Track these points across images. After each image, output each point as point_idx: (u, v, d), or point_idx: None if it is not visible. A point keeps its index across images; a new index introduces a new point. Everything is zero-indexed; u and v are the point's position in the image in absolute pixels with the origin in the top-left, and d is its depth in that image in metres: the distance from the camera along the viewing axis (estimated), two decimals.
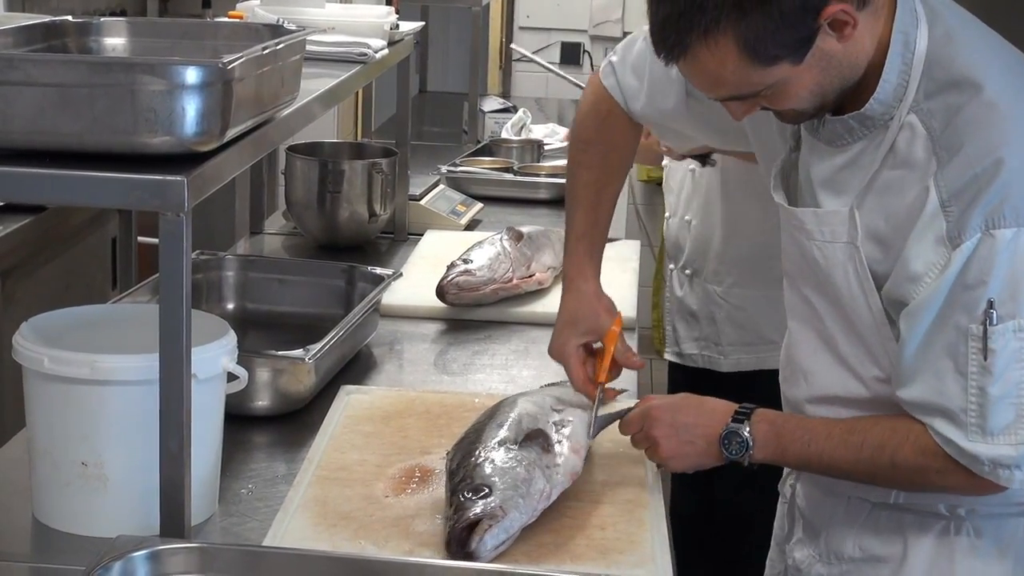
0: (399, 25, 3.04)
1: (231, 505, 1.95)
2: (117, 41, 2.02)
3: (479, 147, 4.32)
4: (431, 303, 2.80)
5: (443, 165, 3.89)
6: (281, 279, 2.71)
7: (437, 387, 2.46)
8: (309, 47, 2.18)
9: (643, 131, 2.32)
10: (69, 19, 1.99)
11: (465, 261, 2.83)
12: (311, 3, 2.95)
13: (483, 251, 2.88)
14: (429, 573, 1.63)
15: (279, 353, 2.23)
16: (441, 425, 2.20)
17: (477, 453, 1.90)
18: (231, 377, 1.89)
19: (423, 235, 3.36)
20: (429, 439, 2.14)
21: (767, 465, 1.94)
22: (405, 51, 3.15)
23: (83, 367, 1.75)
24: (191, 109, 1.57)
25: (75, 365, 1.75)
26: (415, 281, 2.88)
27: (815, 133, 1.85)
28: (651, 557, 1.82)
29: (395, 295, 2.77)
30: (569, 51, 6.57)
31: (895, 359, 1.80)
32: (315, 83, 2.24)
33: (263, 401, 2.23)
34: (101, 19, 2.05)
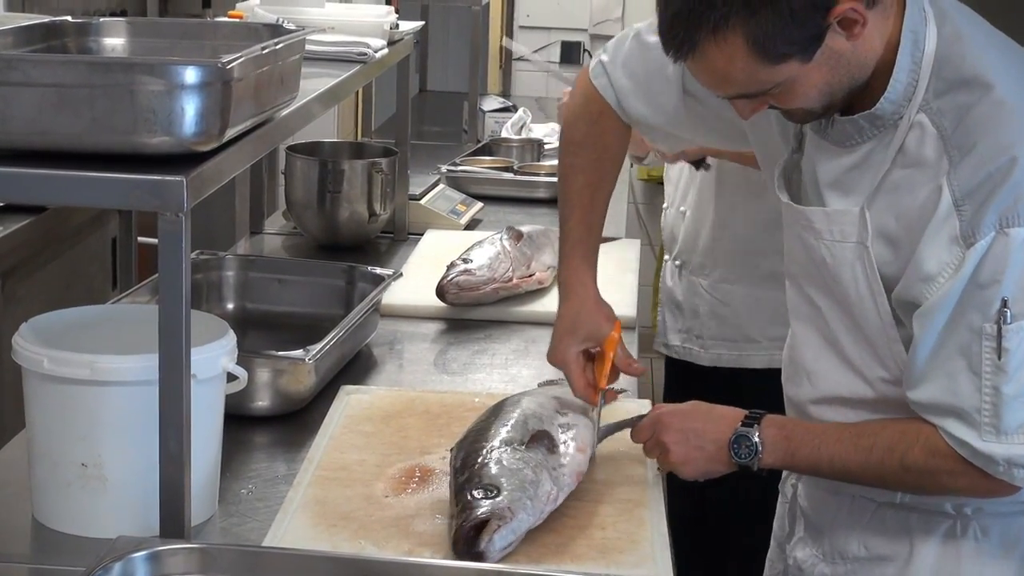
0: (399, 24, 3.04)
1: (231, 505, 1.95)
2: (116, 41, 2.02)
3: (479, 146, 4.32)
4: (431, 303, 2.80)
5: (443, 165, 3.89)
6: (281, 279, 2.71)
7: (437, 387, 2.46)
8: (309, 47, 2.18)
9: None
10: (68, 19, 1.99)
11: (465, 261, 2.83)
12: (311, 3, 2.95)
13: (483, 251, 2.88)
14: (429, 573, 1.63)
15: (279, 353, 2.23)
16: (441, 425, 2.20)
17: (483, 452, 1.89)
18: (231, 377, 1.88)
19: (423, 235, 3.36)
20: (429, 439, 2.14)
21: (754, 475, 1.94)
22: (405, 51, 3.15)
23: (83, 368, 1.75)
24: (190, 109, 1.57)
25: (75, 366, 1.75)
26: (415, 281, 2.88)
27: (823, 134, 1.84)
28: (651, 556, 1.82)
29: (395, 295, 2.77)
30: (569, 50, 6.57)
31: (906, 361, 1.79)
32: (315, 83, 2.24)
33: (263, 401, 2.23)
34: (100, 19, 2.05)
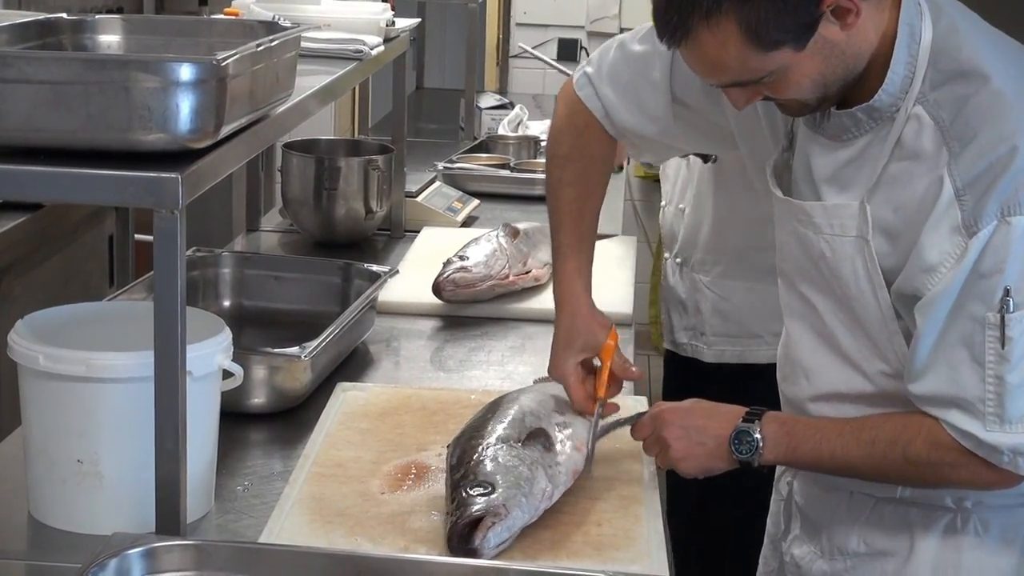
0: (395, 22, 3.04)
1: (227, 502, 1.95)
2: (112, 38, 2.02)
3: (476, 144, 4.32)
4: (427, 300, 2.80)
5: (439, 162, 3.89)
6: (277, 276, 2.71)
7: (433, 384, 2.46)
8: (304, 44, 2.18)
9: None
10: (64, 16, 1.99)
11: (461, 258, 2.83)
12: (306, 0, 2.95)
13: (479, 248, 2.88)
14: (425, 569, 1.63)
15: (275, 350, 2.23)
16: (437, 422, 2.20)
17: (479, 449, 1.89)
18: (227, 374, 1.89)
19: (419, 232, 3.36)
20: (425, 436, 2.15)
21: (753, 472, 1.94)
22: (401, 48, 3.15)
23: (78, 365, 1.75)
24: (185, 106, 1.57)
25: (70, 363, 1.75)
26: (411, 278, 2.88)
27: (817, 128, 1.84)
28: (647, 553, 1.82)
29: (391, 292, 2.77)
30: (566, 47, 6.57)
31: (907, 354, 1.80)
32: (310, 80, 2.24)
33: (259, 398, 2.23)
34: (96, 16, 2.04)
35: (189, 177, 1.57)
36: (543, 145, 4.27)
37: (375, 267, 2.72)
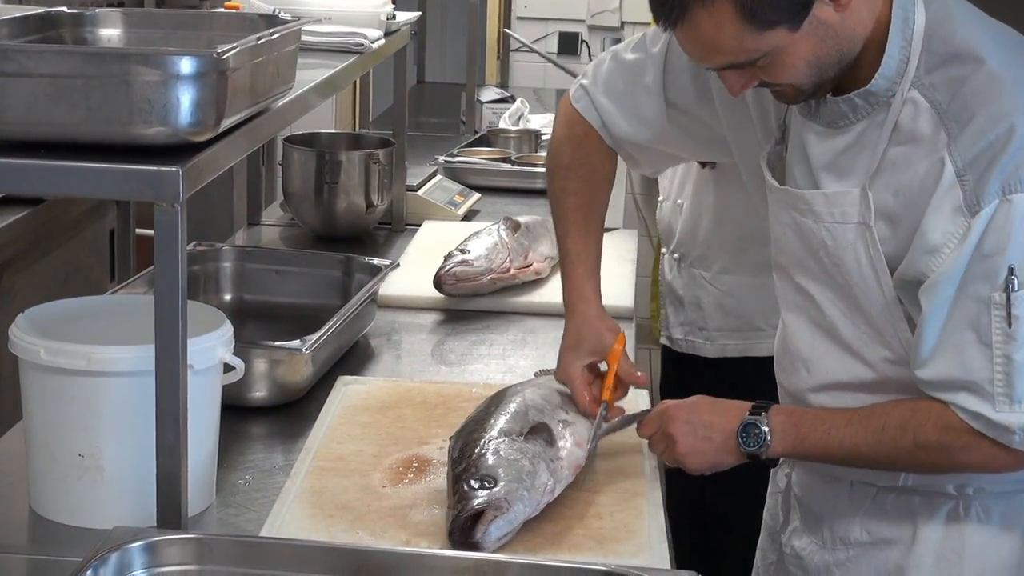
0: (395, 15, 3.04)
1: (228, 496, 1.95)
2: (112, 32, 2.02)
3: (476, 137, 4.32)
4: (428, 293, 2.80)
5: (440, 155, 3.88)
6: (278, 270, 2.71)
7: (434, 377, 2.46)
8: (305, 37, 2.18)
9: None
10: (64, 10, 1.99)
11: (462, 251, 2.82)
12: None
13: (480, 241, 2.87)
14: (426, 563, 1.63)
15: (276, 344, 2.23)
16: (438, 415, 2.20)
17: (481, 443, 1.89)
18: (228, 368, 1.89)
19: (420, 226, 3.36)
20: (426, 429, 2.14)
21: (756, 464, 1.94)
22: (402, 41, 3.15)
23: (79, 358, 1.75)
24: (186, 99, 1.57)
25: (71, 356, 1.75)
26: (412, 272, 2.88)
27: (812, 116, 1.85)
28: (648, 546, 1.82)
29: (392, 286, 2.77)
30: (567, 41, 6.56)
31: (911, 340, 1.80)
32: (311, 73, 2.24)
33: (260, 392, 2.23)
34: (96, 10, 2.04)
35: (190, 171, 1.57)
36: (544, 139, 4.27)
37: (376, 261, 2.72)
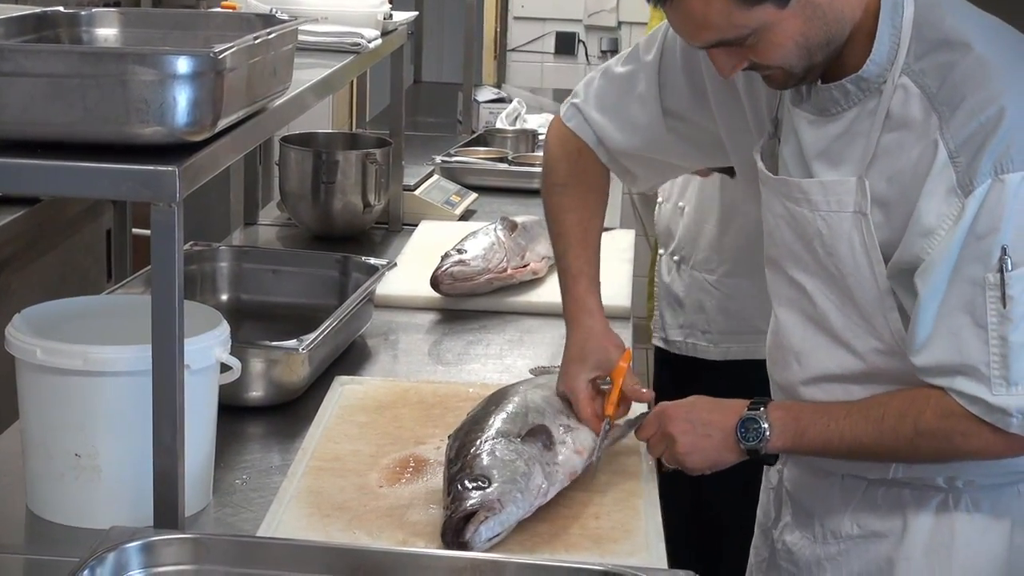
0: (392, 15, 3.04)
1: (225, 496, 1.95)
2: (109, 32, 2.02)
3: (473, 137, 4.32)
4: (425, 293, 2.80)
5: (437, 155, 3.89)
6: (275, 270, 2.70)
7: (431, 377, 2.46)
8: (302, 37, 2.18)
9: None
10: (61, 10, 1.99)
11: (459, 251, 2.82)
12: None
13: (477, 241, 2.87)
14: (423, 563, 1.63)
15: (273, 344, 2.23)
16: (435, 415, 2.20)
17: (478, 443, 1.89)
18: (224, 368, 1.88)
19: (417, 225, 3.36)
20: (423, 429, 2.14)
21: (755, 461, 1.94)
22: (399, 41, 3.15)
23: (76, 358, 1.75)
24: (182, 99, 1.56)
25: (68, 356, 1.75)
26: (409, 271, 2.88)
27: (803, 104, 1.86)
28: (645, 546, 1.82)
29: (389, 285, 2.77)
30: (564, 41, 6.56)
31: (902, 330, 1.81)
32: (308, 73, 2.24)
33: (257, 392, 2.23)
34: (93, 10, 2.04)
35: (187, 170, 1.57)
36: (541, 138, 4.27)
37: (373, 260, 2.72)
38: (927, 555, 1.90)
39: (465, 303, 2.81)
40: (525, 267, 2.90)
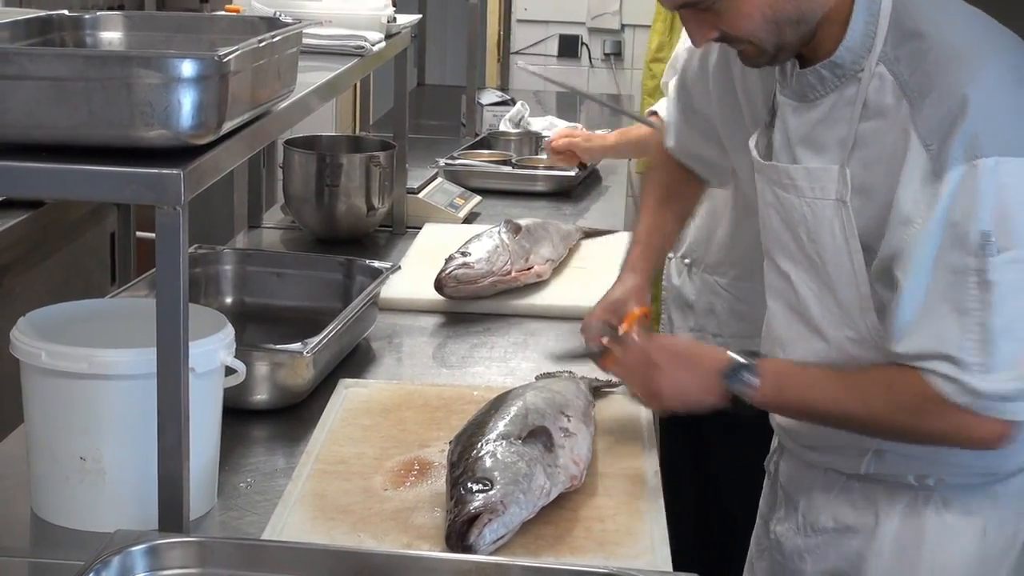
0: (396, 18, 3.04)
1: (230, 499, 1.95)
2: (113, 35, 2.02)
3: (477, 140, 4.32)
4: (429, 296, 2.80)
5: (441, 158, 3.89)
6: (279, 273, 2.70)
7: (436, 380, 2.46)
8: (306, 40, 2.18)
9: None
10: (65, 13, 1.99)
11: (463, 254, 2.82)
12: None
13: (481, 244, 2.87)
14: (427, 566, 1.62)
15: (277, 347, 2.23)
16: (440, 418, 2.20)
17: (479, 446, 1.89)
18: (229, 371, 1.89)
19: (421, 228, 3.36)
20: (428, 432, 2.14)
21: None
22: (402, 44, 3.15)
23: (81, 361, 1.75)
24: (187, 102, 1.56)
25: (73, 359, 1.75)
26: (413, 274, 2.88)
27: (784, 89, 1.89)
28: (650, 549, 1.82)
29: (393, 288, 2.77)
30: (567, 44, 6.56)
31: (876, 321, 1.82)
32: (312, 76, 2.24)
33: (261, 395, 2.23)
34: (97, 13, 2.04)
35: (191, 173, 1.57)
36: (544, 141, 4.27)
37: (377, 263, 2.71)
38: (896, 552, 1.91)
39: (469, 306, 2.81)
40: (529, 270, 2.89)
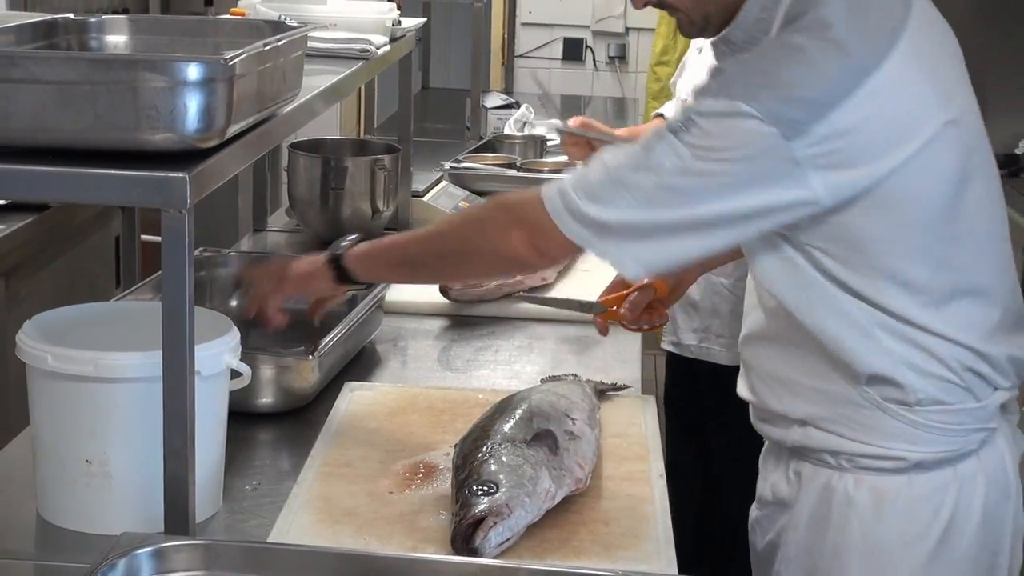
0: (401, 21, 3.04)
1: (235, 502, 1.95)
2: (118, 38, 2.02)
3: (482, 143, 4.32)
4: (434, 299, 2.80)
5: (446, 161, 3.88)
6: None
7: (441, 383, 2.46)
8: (311, 43, 2.19)
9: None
10: (70, 17, 1.99)
11: None
12: None
13: None
14: (433, 569, 1.62)
15: (283, 350, 2.23)
16: (445, 421, 2.20)
17: (484, 449, 1.89)
18: (235, 374, 1.89)
19: None
20: (433, 435, 2.14)
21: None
22: (407, 47, 3.15)
23: (87, 365, 1.75)
24: (193, 106, 1.56)
25: (79, 363, 1.75)
26: None
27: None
28: (655, 552, 1.82)
29: (398, 292, 2.77)
30: (571, 47, 6.57)
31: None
32: (317, 79, 2.24)
33: (267, 398, 2.23)
34: (102, 17, 2.04)
35: (197, 177, 1.57)
36: (549, 144, 4.28)
37: None
38: (808, 527, 1.92)
39: (474, 309, 2.81)
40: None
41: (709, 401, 3.16)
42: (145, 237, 3.75)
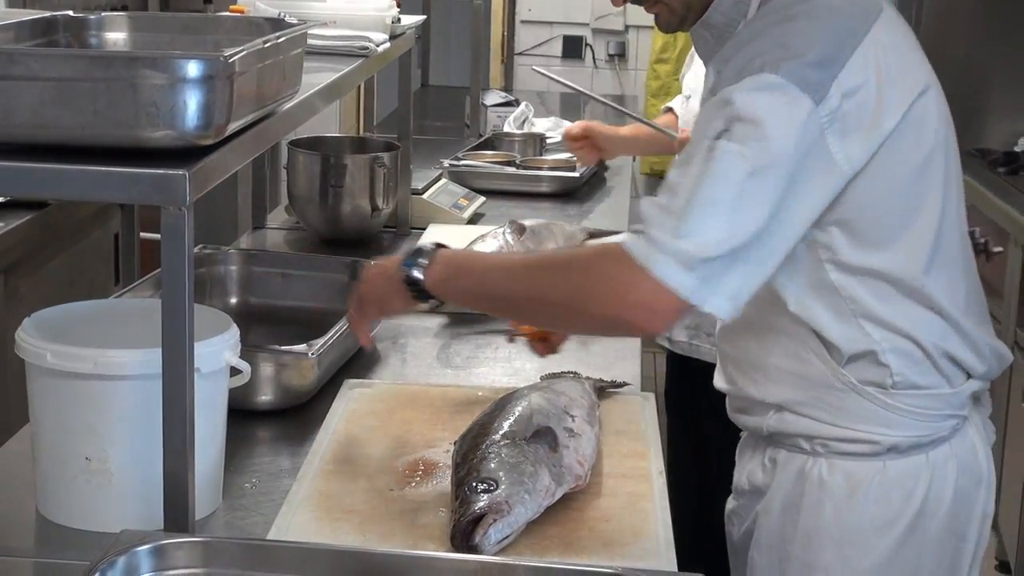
0: (400, 19, 3.04)
1: (235, 499, 1.95)
2: (118, 36, 2.02)
3: (481, 141, 4.33)
4: None
5: (445, 159, 3.89)
6: (284, 273, 2.71)
7: (440, 381, 2.46)
8: (310, 41, 2.18)
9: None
10: (69, 14, 1.99)
11: None
12: None
13: (486, 244, 2.88)
14: (433, 566, 1.62)
15: (282, 348, 2.23)
16: (444, 419, 2.20)
17: (484, 446, 1.89)
18: (234, 371, 1.89)
19: (425, 229, 3.36)
20: (433, 432, 2.15)
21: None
22: (406, 45, 3.15)
23: (86, 362, 1.75)
24: (192, 103, 1.56)
25: (78, 360, 1.75)
26: None
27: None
28: (655, 550, 1.82)
29: None
30: (571, 45, 6.57)
31: None
32: (317, 77, 2.24)
33: (266, 395, 2.23)
34: (101, 14, 2.04)
35: (197, 174, 1.57)
36: (549, 142, 4.28)
37: None
38: (781, 513, 1.93)
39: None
40: None
41: (703, 398, 3.16)
42: (144, 234, 3.76)
